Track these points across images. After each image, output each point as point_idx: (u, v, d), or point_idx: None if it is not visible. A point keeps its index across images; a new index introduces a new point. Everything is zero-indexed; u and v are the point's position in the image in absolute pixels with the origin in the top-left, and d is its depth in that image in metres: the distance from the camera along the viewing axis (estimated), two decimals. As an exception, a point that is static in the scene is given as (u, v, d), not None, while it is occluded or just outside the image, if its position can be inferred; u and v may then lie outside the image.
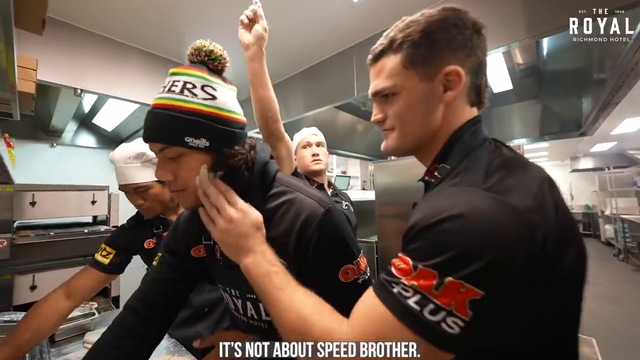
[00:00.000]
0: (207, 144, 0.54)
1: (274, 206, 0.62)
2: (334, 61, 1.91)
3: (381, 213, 1.74)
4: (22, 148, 2.67)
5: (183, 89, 0.54)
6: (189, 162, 0.55)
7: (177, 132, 0.53)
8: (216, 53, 0.59)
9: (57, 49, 1.45)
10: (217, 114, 0.55)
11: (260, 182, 0.63)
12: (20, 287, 1.64)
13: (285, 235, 0.59)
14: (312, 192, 0.63)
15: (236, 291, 0.67)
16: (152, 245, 1.12)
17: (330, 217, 0.59)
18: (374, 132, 4.68)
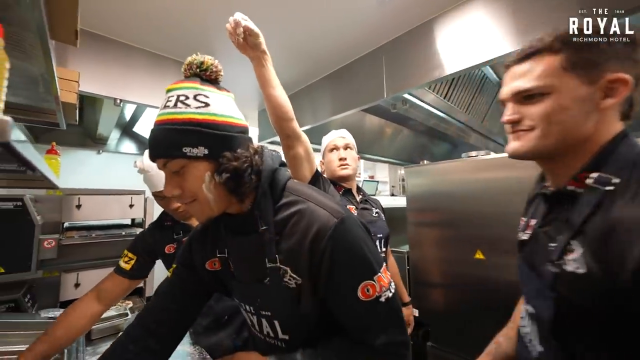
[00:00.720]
0: (205, 152, 0.53)
1: (284, 217, 0.59)
2: (362, 63, 1.85)
3: (413, 220, 1.62)
4: (73, 155, 2.92)
5: (177, 102, 0.54)
6: (192, 172, 0.55)
7: (175, 145, 0.53)
8: (207, 63, 0.59)
9: (98, 62, 1.56)
10: (211, 120, 0.54)
11: (269, 190, 0.61)
12: (66, 284, 1.76)
13: (296, 249, 0.56)
14: (324, 201, 0.60)
15: (250, 307, 0.65)
16: (173, 250, 1.14)
17: (344, 229, 0.55)
18: (404, 136, 4.51)
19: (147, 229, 1.19)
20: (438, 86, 1.85)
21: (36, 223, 1.48)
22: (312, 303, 0.58)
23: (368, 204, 1.37)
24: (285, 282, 0.57)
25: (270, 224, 0.58)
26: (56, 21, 0.61)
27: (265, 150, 0.64)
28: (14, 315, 1.26)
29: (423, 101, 1.80)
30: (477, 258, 1.36)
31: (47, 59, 0.70)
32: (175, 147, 0.53)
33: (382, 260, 0.59)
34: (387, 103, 1.80)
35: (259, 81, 0.90)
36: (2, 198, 1.40)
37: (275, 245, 0.58)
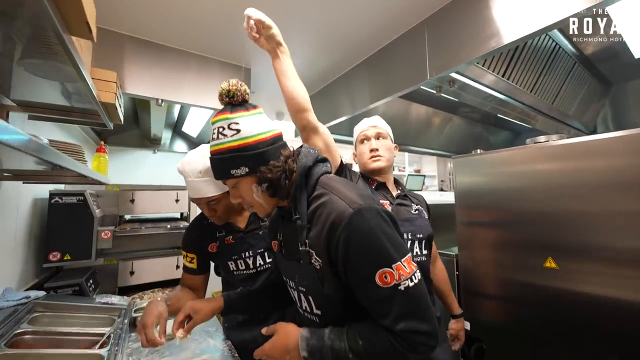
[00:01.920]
0: (246, 170, 0.67)
1: (313, 208, 0.68)
2: (401, 43, 1.66)
3: (463, 220, 1.40)
4: (133, 154, 3.24)
5: (218, 135, 0.69)
6: (242, 186, 0.70)
7: (225, 170, 0.69)
8: (232, 90, 0.70)
9: (141, 65, 1.64)
10: (244, 144, 0.67)
11: (303, 185, 0.70)
12: (123, 271, 1.94)
13: (318, 236, 0.65)
14: (346, 193, 0.65)
15: (292, 282, 0.76)
16: (215, 249, 1.13)
17: (359, 219, 0.60)
18: (454, 125, 4.09)
19: (189, 226, 1.21)
20: (495, 62, 1.56)
21: (95, 215, 1.64)
22: (335, 285, 0.65)
23: (407, 199, 1.21)
24: (312, 263, 0.67)
25: (303, 213, 0.68)
26: (67, 16, 0.60)
27: (302, 149, 0.75)
28: (75, 298, 1.40)
29: (476, 82, 1.54)
30: (548, 267, 1.11)
31: (68, 54, 0.71)
32: (226, 172, 0.69)
33: (405, 250, 0.62)
34: (431, 86, 1.58)
35: (276, 73, 0.93)
36: (67, 193, 1.57)
37: (306, 231, 0.67)
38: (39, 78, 0.99)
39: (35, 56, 0.86)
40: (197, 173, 1.00)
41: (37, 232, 1.55)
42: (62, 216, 1.55)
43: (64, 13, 0.59)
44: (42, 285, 1.48)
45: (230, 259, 1.11)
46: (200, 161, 1.00)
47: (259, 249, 1.11)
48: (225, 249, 1.11)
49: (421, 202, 1.26)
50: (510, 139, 4.74)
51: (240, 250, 1.10)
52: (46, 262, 1.50)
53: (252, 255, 1.11)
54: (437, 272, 1.25)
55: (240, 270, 1.12)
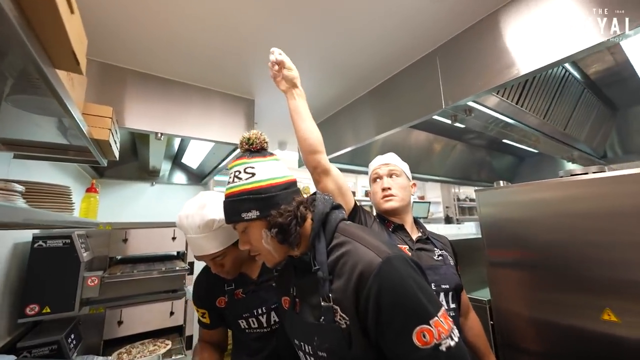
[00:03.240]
0: (257, 213, 0.65)
1: (335, 258, 0.64)
2: (410, 72, 1.62)
3: (494, 260, 1.25)
4: (130, 187, 3.12)
5: (234, 178, 0.69)
6: (252, 231, 0.68)
7: (236, 213, 0.67)
8: (252, 139, 0.73)
9: (138, 98, 1.59)
10: (257, 187, 0.66)
11: (322, 232, 0.67)
12: (110, 321, 1.73)
13: (344, 289, 0.59)
14: (370, 240, 0.62)
15: (309, 347, 0.67)
16: (224, 304, 0.99)
17: (390, 268, 0.56)
18: (457, 152, 4.06)
19: (196, 280, 1.08)
20: (509, 91, 1.51)
21: (82, 260, 1.48)
22: (365, 346, 0.58)
23: (429, 243, 1.08)
24: (337, 322, 0.60)
25: (323, 263, 0.63)
26: (50, 46, 0.51)
27: (318, 196, 0.73)
28: (51, 362, 1.21)
29: (492, 110, 1.48)
30: (606, 320, 0.95)
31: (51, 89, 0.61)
32: (236, 214, 0.67)
33: (439, 303, 0.57)
34: (446, 115, 1.51)
35: (291, 113, 0.94)
36: (53, 236, 1.43)
37: (328, 284, 0.62)
38: (25, 114, 0.90)
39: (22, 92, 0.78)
40: (196, 229, 0.88)
41: (15, 282, 1.39)
42: (45, 262, 1.39)
43: (46, 43, 0.50)
44: (14, 344, 1.29)
45: (241, 316, 0.97)
46: (198, 215, 0.88)
47: (272, 304, 0.96)
48: (235, 304, 0.97)
49: (445, 246, 1.12)
50: (514, 164, 4.69)
51: (251, 307, 0.96)
52: (22, 316, 1.31)
53: (266, 312, 0.96)
54: (471, 324, 1.08)
55: (253, 328, 0.97)
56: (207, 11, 1.27)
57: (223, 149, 2.30)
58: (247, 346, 1.01)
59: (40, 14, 0.45)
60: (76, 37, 0.53)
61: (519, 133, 2.06)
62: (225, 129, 1.91)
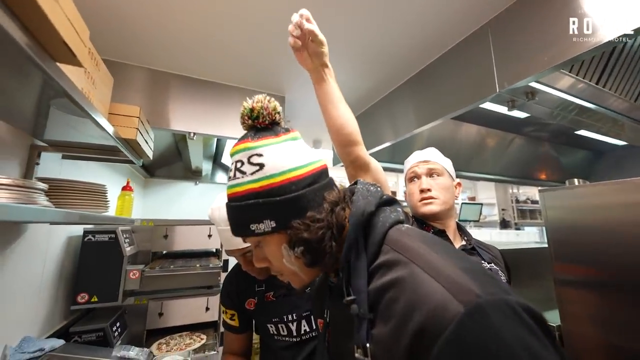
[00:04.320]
0: (273, 225, 0.45)
1: (379, 286, 0.41)
2: (454, 54, 1.40)
3: (566, 277, 1.01)
4: (177, 186, 3.34)
5: (235, 172, 0.48)
6: (269, 247, 0.48)
7: (243, 224, 0.47)
8: (256, 109, 0.50)
9: (176, 99, 1.64)
10: (268, 185, 0.45)
11: (362, 243, 0.45)
12: (152, 313, 1.84)
13: (388, 344, 0.36)
14: (442, 264, 0.37)
15: None
16: (253, 307, 0.94)
17: (484, 325, 0.30)
18: (515, 146, 3.57)
19: (226, 277, 1.05)
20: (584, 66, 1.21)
21: (125, 254, 1.57)
22: None
23: (474, 254, 0.89)
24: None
25: (361, 292, 0.42)
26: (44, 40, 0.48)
27: (358, 187, 0.51)
28: (93, 350, 1.29)
29: (558, 90, 1.20)
30: None
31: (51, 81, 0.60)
32: (244, 226, 0.47)
33: None
34: (501, 100, 1.28)
35: (319, 99, 0.80)
36: (100, 231, 1.54)
37: (367, 326, 0.40)
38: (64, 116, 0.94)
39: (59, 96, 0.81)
40: (226, 221, 0.83)
41: (69, 272, 1.52)
42: (93, 255, 1.51)
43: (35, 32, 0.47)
44: (67, 329, 1.41)
45: (270, 320, 0.91)
46: None
47: (304, 312, 0.89)
48: (265, 307, 0.92)
49: (496, 258, 0.93)
50: (589, 160, 3.97)
51: (282, 312, 0.90)
52: (74, 304, 1.44)
53: (296, 319, 0.89)
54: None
55: (282, 335, 0.91)
56: (236, 7, 1.24)
57: (257, 148, 2.31)
58: (275, 354, 0.95)
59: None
60: (66, 25, 0.50)
61: (599, 120, 1.68)
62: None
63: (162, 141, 2.55)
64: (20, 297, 1.13)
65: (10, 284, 1.07)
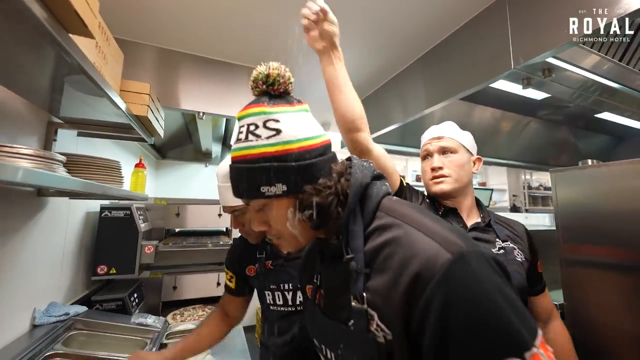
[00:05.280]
0: (284, 188, 0.48)
1: (375, 246, 0.47)
2: (471, 28, 1.35)
3: (571, 257, 1.01)
4: (187, 168, 3.40)
5: (247, 134, 0.49)
6: (274, 211, 0.51)
7: (252, 185, 0.49)
8: (272, 75, 0.51)
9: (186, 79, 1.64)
10: (285, 150, 0.48)
11: (359, 210, 0.50)
12: (166, 286, 1.93)
13: (386, 292, 0.42)
14: (432, 226, 0.44)
15: (332, 354, 0.52)
16: (253, 273, 0.99)
17: (465, 272, 0.38)
18: (530, 130, 3.46)
19: (232, 243, 1.11)
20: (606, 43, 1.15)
21: (139, 230, 1.64)
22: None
23: (489, 231, 0.89)
24: (372, 332, 0.43)
25: (359, 251, 0.47)
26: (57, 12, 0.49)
27: (354, 162, 0.55)
28: (114, 316, 1.38)
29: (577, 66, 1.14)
30: None
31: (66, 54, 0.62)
32: (253, 188, 0.49)
33: (535, 327, 0.37)
34: (516, 77, 1.23)
35: (327, 83, 0.80)
36: (116, 207, 1.60)
37: (364, 279, 0.46)
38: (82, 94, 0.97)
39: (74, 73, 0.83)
40: (222, 177, 0.87)
41: (89, 245, 1.61)
42: (111, 230, 1.59)
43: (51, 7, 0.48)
44: (89, 298, 1.51)
45: (268, 287, 0.96)
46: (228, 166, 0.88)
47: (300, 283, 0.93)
48: (264, 274, 0.97)
49: (517, 236, 0.90)
50: (609, 145, 3.82)
51: (279, 280, 0.95)
52: (94, 274, 1.53)
53: (292, 289, 0.94)
54: (556, 337, 0.85)
55: (278, 305, 0.96)
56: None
57: (265, 129, 2.31)
58: (273, 325, 1.00)
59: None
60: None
61: (624, 102, 1.61)
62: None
63: (173, 122, 2.58)
64: (45, 266, 1.21)
65: (35, 253, 1.14)
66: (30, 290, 1.12)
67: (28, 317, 1.11)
